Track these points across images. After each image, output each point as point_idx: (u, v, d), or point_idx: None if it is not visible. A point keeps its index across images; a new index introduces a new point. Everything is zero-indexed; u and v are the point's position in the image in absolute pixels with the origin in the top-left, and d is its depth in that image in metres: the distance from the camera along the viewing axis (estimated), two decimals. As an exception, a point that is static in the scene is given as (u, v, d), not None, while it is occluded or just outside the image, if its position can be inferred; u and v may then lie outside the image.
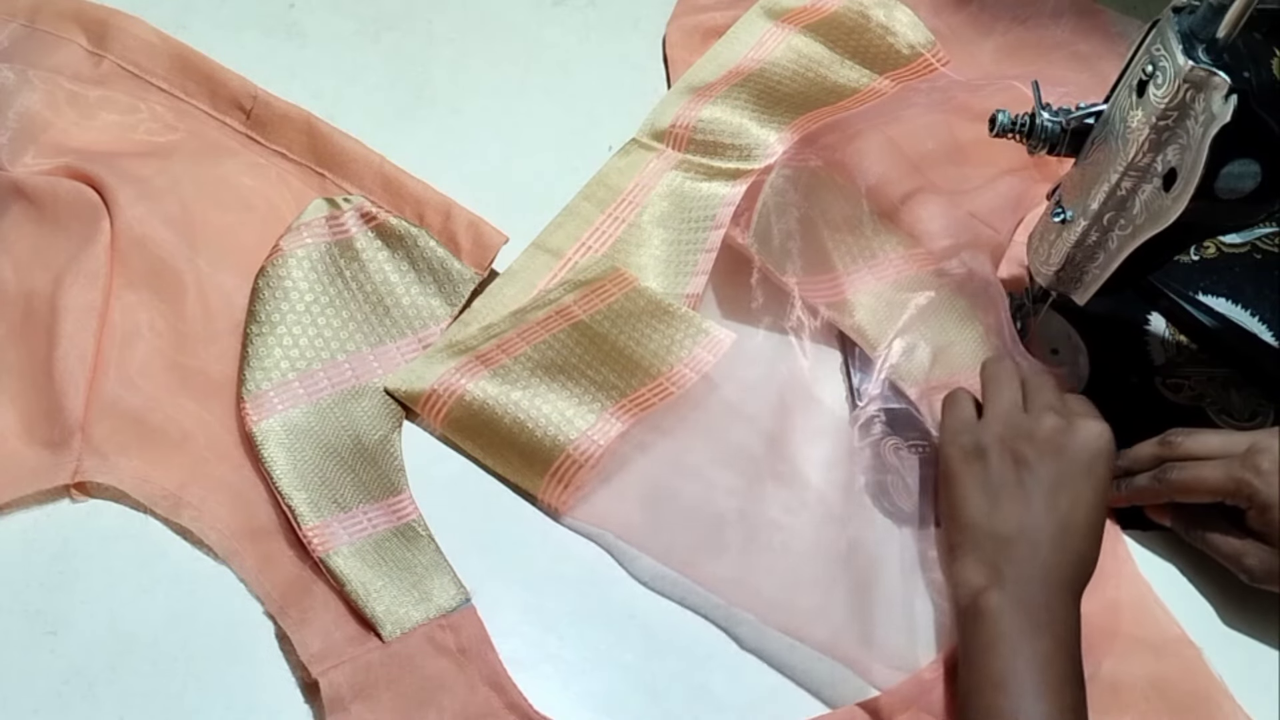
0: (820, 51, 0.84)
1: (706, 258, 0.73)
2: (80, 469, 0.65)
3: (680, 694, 0.62)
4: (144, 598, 0.63)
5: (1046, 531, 0.60)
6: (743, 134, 0.76)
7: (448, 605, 0.62)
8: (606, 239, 0.75)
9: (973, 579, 0.60)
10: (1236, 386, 0.74)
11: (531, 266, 0.75)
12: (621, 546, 0.66)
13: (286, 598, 0.62)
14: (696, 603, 0.65)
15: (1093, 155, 0.65)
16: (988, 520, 0.61)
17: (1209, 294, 0.77)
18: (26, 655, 0.61)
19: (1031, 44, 0.90)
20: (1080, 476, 0.61)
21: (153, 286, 0.71)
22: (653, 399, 0.67)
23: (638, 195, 0.77)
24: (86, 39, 0.82)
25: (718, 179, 0.76)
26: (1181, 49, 0.57)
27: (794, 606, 0.64)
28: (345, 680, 0.60)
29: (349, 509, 0.65)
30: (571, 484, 0.66)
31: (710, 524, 0.66)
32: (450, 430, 0.69)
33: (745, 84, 0.81)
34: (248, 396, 0.67)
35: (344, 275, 0.72)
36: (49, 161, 0.75)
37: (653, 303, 0.70)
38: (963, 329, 0.73)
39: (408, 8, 0.89)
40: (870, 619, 0.63)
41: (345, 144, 0.78)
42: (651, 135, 0.80)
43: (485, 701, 0.60)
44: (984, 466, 0.63)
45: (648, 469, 0.68)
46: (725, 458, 0.68)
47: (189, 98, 0.81)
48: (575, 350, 0.69)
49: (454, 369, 0.69)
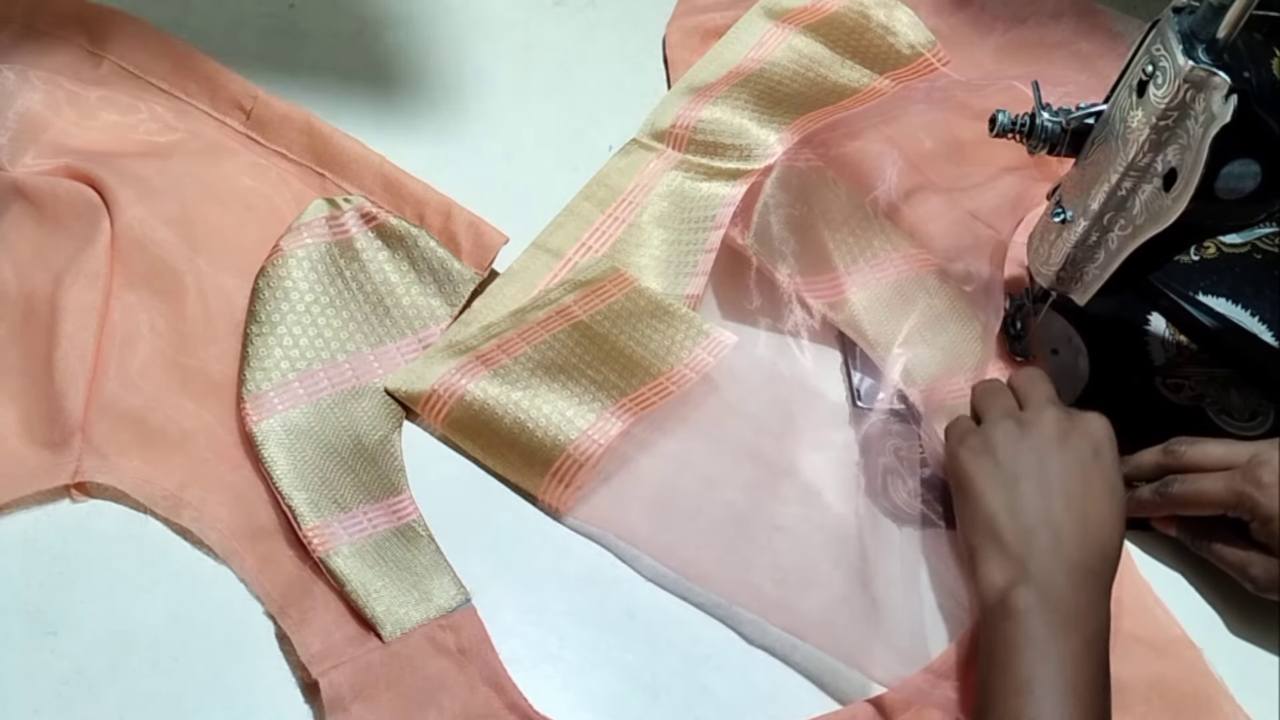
0: (820, 51, 0.84)
1: (706, 258, 0.73)
2: (80, 469, 0.64)
3: (680, 694, 0.62)
4: (144, 598, 0.63)
5: (1068, 525, 0.60)
6: (743, 134, 0.76)
7: (448, 605, 0.62)
8: (607, 239, 0.75)
9: (997, 578, 0.60)
10: (1236, 386, 0.74)
11: (532, 267, 0.75)
12: (623, 545, 0.66)
13: (286, 598, 0.62)
14: (699, 599, 0.65)
15: (1093, 155, 0.65)
16: (1007, 511, 0.61)
17: (1209, 294, 0.77)
18: (26, 655, 0.60)
19: (1032, 43, 0.90)
20: (1089, 465, 0.61)
21: (153, 287, 0.71)
22: (653, 398, 0.67)
23: (638, 195, 0.77)
24: (87, 39, 0.82)
25: (718, 179, 0.76)
26: (1181, 49, 0.57)
27: (795, 606, 0.64)
28: (345, 681, 0.60)
29: (349, 509, 0.65)
30: (572, 484, 0.66)
31: (711, 524, 0.66)
32: (450, 431, 0.69)
33: (746, 84, 0.81)
34: (248, 397, 0.67)
35: (344, 275, 0.72)
36: (49, 162, 0.75)
37: (653, 303, 0.70)
38: (964, 329, 0.73)
39: (408, 8, 0.89)
40: (872, 617, 0.63)
41: (345, 144, 0.78)
42: (652, 135, 0.80)
43: (485, 702, 0.60)
44: (994, 461, 0.63)
45: (648, 468, 0.68)
46: (726, 457, 0.68)
47: (189, 98, 0.81)
48: (575, 350, 0.69)
49: (454, 369, 0.69)
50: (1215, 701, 0.63)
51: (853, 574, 0.65)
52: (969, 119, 0.79)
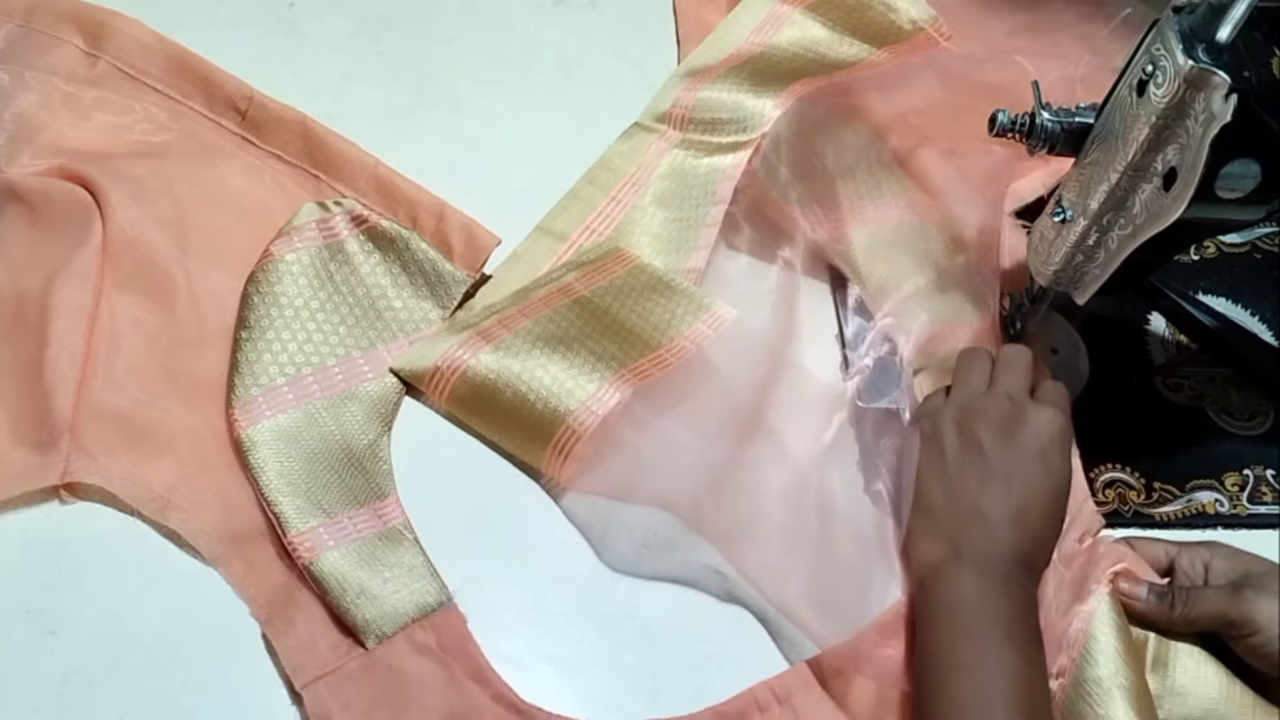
0: (821, 33, 0.84)
1: (708, 232, 0.74)
2: (69, 470, 0.64)
3: (680, 694, 0.62)
4: (144, 598, 0.63)
5: (1003, 512, 0.60)
6: (740, 108, 0.77)
7: (428, 606, 0.63)
8: (610, 222, 0.76)
9: (930, 554, 0.61)
10: (1236, 386, 0.74)
11: (536, 250, 0.75)
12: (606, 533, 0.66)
13: (272, 605, 0.62)
14: (689, 575, 0.65)
15: (1093, 155, 0.65)
16: (944, 504, 0.62)
17: (1209, 294, 0.77)
18: (26, 655, 0.61)
19: (1036, 27, 0.90)
20: (1032, 463, 0.61)
21: (144, 288, 0.71)
22: (652, 370, 0.68)
23: (640, 178, 0.78)
24: (82, 39, 0.82)
25: (717, 154, 0.77)
26: (1181, 49, 0.57)
27: (772, 571, 0.64)
28: (329, 694, 0.60)
29: (334, 515, 0.64)
30: (572, 455, 0.67)
31: (705, 489, 0.67)
32: (455, 407, 0.70)
33: (745, 65, 0.81)
34: (236, 402, 0.67)
35: (334, 280, 0.72)
36: (45, 162, 0.75)
37: (654, 278, 0.70)
38: (959, 283, 0.74)
39: (408, 8, 0.89)
40: (830, 584, 0.64)
41: (340, 146, 0.78)
42: (653, 118, 0.81)
43: (470, 696, 0.60)
44: (940, 452, 0.63)
45: (646, 440, 0.68)
46: (720, 427, 0.69)
47: (184, 99, 0.80)
48: (576, 323, 0.70)
49: (456, 344, 0.70)
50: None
51: (823, 543, 0.65)
52: (966, 91, 0.79)
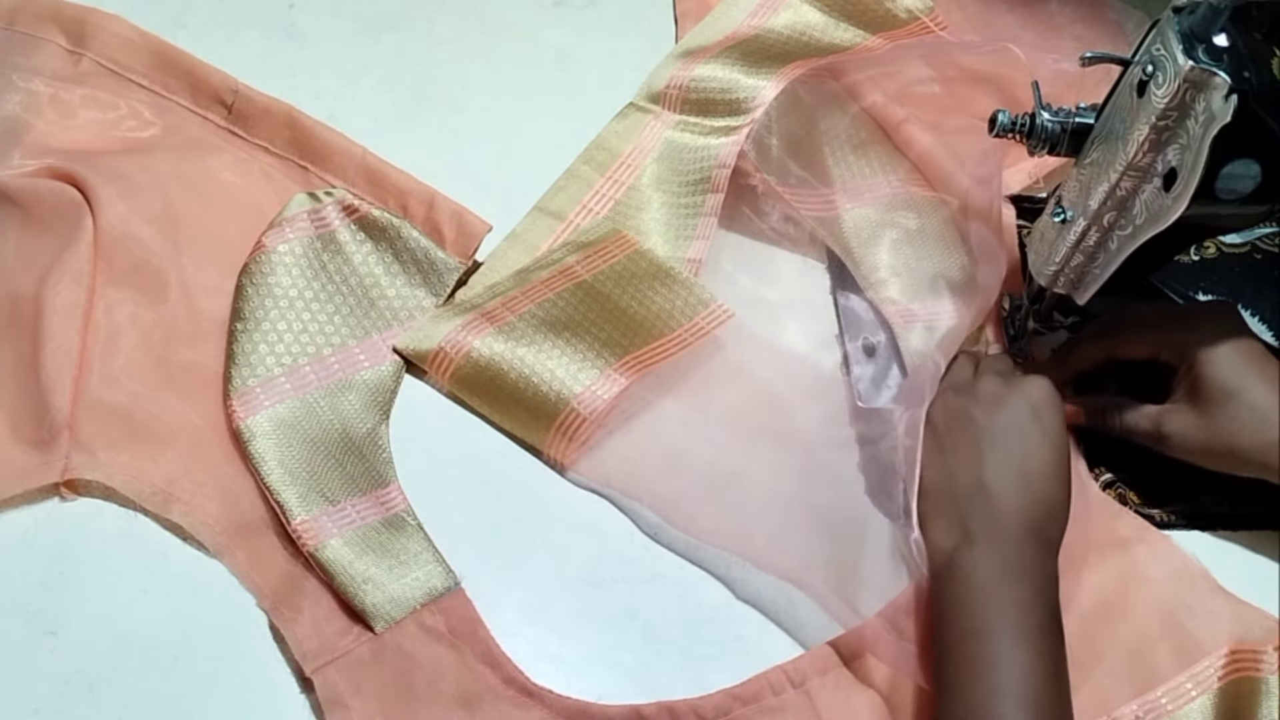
0: (817, 18, 0.84)
1: (706, 221, 0.74)
2: (69, 466, 0.65)
3: (681, 694, 0.62)
4: (144, 597, 0.63)
5: (1006, 480, 0.60)
6: (734, 88, 0.77)
7: (436, 590, 0.63)
8: (607, 201, 0.77)
9: (943, 541, 0.61)
10: (1236, 386, 0.74)
11: (534, 229, 0.76)
12: (625, 499, 0.67)
13: (279, 594, 0.63)
14: (700, 556, 0.66)
15: (1093, 155, 0.65)
16: (946, 483, 0.62)
17: (1209, 294, 0.77)
18: (26, 655, 0.61)
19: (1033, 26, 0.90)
20: (1028, 424, 0.62)
21: (136, 284, 0.71)
22: (655, 358, 0.69)
23: (636, 158, 0.78)
24: (65, 38, 0.82)
25: (711, 136, 0.77)
26: (1181, 49, 0.57)
27: (784, 552, 0.65)
28: (340, 678, 0.60)
29: (337, 502, 0.65)
30: (575, 438, 0.67)
31: (710, 478, 0.67)
32: (458, 387, 0.70)
33: (739, 46, 0.81)
34: (234, 394, 0.67)
35: (328, 269, 0.72)
36: (33, 163, 0.75)
37: (654, 265, 0.71)
38: (949, 256, 0.74)
39: (408, 8, 0.89)
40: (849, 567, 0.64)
41: (328, 137, 0.77)
42: (648, 98, 0.81)
43: (481, 679, 0.61)
44: (933, 433, 0.64)
45: (650, 425, 0.69)
46: (725, 415, 0.70)
47: (169, 94, 0.80)
48: (579, 308, 0.70)
49: (460, 326, 0.71)
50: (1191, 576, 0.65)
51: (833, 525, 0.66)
52: (957, 73, 0.80)
